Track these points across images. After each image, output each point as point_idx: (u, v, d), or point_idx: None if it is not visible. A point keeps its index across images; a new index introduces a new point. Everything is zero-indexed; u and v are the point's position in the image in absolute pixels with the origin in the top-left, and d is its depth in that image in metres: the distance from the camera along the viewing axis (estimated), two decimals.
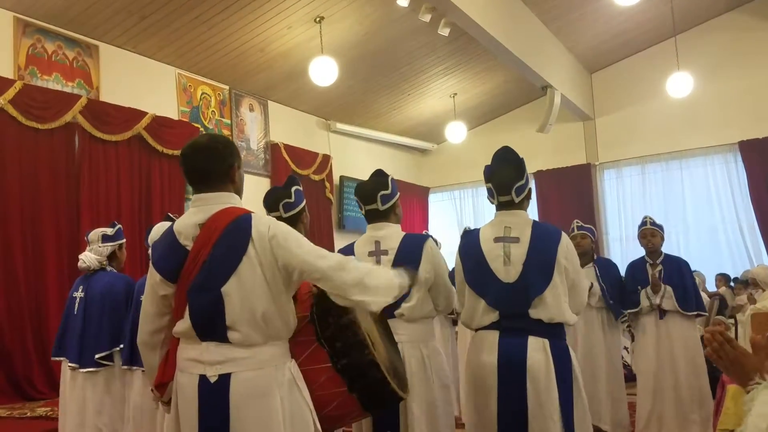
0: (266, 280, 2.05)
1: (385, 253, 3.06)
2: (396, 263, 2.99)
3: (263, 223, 2.09)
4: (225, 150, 2.22)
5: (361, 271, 2.11)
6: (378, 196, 3.11)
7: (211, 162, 2.18)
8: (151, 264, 2.22)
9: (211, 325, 2.04)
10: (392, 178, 3.21)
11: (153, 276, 2.18)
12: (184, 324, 2.08)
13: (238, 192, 2.25)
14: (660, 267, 5.05)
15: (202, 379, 2.03)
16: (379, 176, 3.21)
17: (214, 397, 2.01)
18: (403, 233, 3.15)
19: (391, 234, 3.11)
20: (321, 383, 2.19)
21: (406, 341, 2.95)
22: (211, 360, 2.03)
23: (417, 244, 3.08)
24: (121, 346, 3.86)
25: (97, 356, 3.86)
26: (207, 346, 2.05)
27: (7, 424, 4.99)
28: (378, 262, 3.05)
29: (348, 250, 3.19)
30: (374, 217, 3.16)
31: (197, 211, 2.16)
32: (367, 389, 2.23)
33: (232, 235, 2.06)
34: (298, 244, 2.09)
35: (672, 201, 10.53)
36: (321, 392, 2.19)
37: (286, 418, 2.05)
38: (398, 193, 3.23)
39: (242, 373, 2.02)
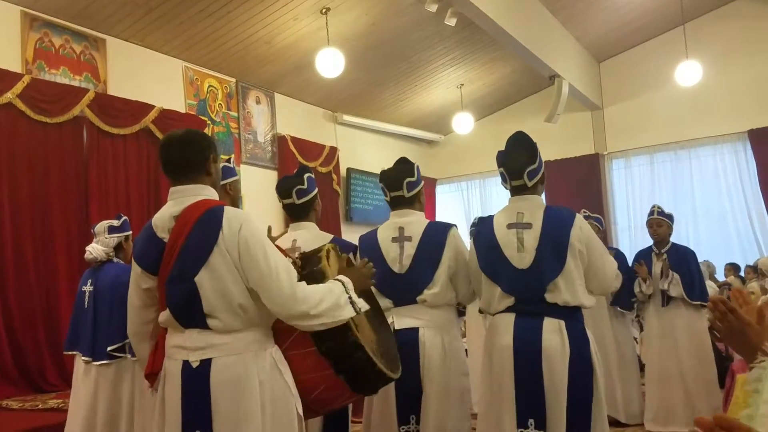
0: (237, 269, 2.09)
1: (409, 239, 3.07)
2: (419, 250, 3.02)
3: (236, 219, 2.12)
4: (201, 142, 2.27)
5: (309, 304, 2.10)
6: (404, 183, 3.13)
7: (187, 153, 2.23)
8: (132, 257, 2.30)
9: (190, 314, 2.10)
10: (418, 167, 3.21)
11: (135, 269, 2.26)
12: (166, 314, 2.15)
13: (215, 185, 2.29)
14: (665, 256, 5.05)
15: (185, 364, 2.10)
16: (404, 164, 3.22)
17: (196, 381, 2.07)
18: (427, 221, 3.16)
19: (415, 221, 3.13)
20: (307, 367, 2.22)
21: (427, 327, 2.97)
22: (194, 346, 2.10)
23: (441, 232, 3.10)
24: None
25: (109, 348, 3.88)
26: (190, 333, 2.11)
27: (19, 416, 5.03)
28: (401, 247, 3.06)
29: (371, 236, 3.19)
30: (399, 203, 3.18)
31: (173, 204, 2.21)
32: (354, 371, 2.26)
33: (203, 226, 2.10)
34: (264, 255, 2.09)
35: (681, 190, 10.47)
36: (307, 376, 2.22)
37: (266, 402, 2.10)
38: (422, 181, 3.23)
39: (222, 358, 2.08)
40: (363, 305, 2.23)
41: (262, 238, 2.16)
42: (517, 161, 2.95)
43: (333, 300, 2.16)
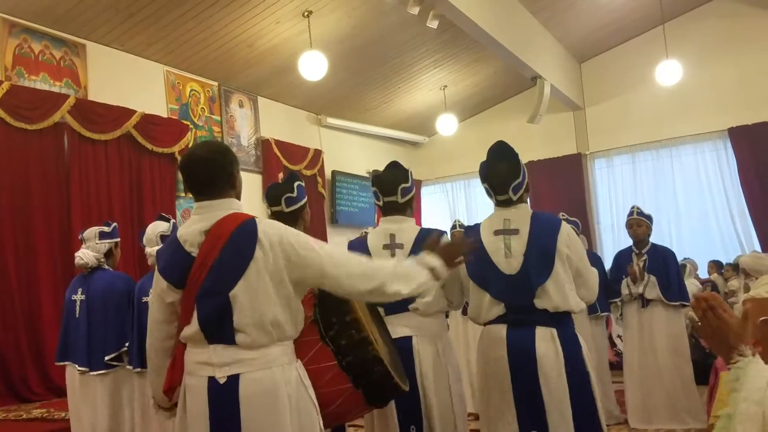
0: (273, 284, 2.07)
1: (401, 246, 3.05)
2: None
3: (273, 231, 2.11)
4: (224, 159, 2.25)
5: (382, 277, 2.13)
6: (399, 189, 3.10)
7: (213, 173, 2.20)
8: (156, 271, 2.24)
9: (220, 329, 2.06)
10: (411, 172, 3.19)
11: (159, 283, 2.20)
12: (192, 329, 2.11)
13: (239, 196, 2.28)
14: (645, 257, 5.09)
15: (212, 380, 2.05)
16: (398, 168, 3.19)
17: (224, 398, 2.03)
18: (419, 227, 3.14)
19: (407, 227, 3.11)
20: (326, 381, 2.22)
21: (420, 335, 2.96)
22: (220, 362, 2.06)
23: None
24: (128, 344, 3.84)
25: (106, 358, 3.84)
26: (215, 348, 2.07)
27: (3, 427, 4.97)
28: (393, 255, 3.04)
29: (361, 242, 3.17)
30: (391, 209, 3.15)
31: (201, 219, 2.18)
32: (372, 384, 2.27)
33: (238, 240, 2.08)
34: (313, 249, 2.11)
35: (663, 189, 10.55)
36: (327, 389, 2.22)
37: (294, 417, 2.07)
38: (415, 188, 3.22)
39: (251, 373, 2.05)
40: (442, 272, 2.26)
41: (304, 236, 2.16)
42: (501, 176, 2.93)
43: (406, 269, 2.20)
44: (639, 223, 5.13)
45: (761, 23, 9.70)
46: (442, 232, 3.15)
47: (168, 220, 3.93)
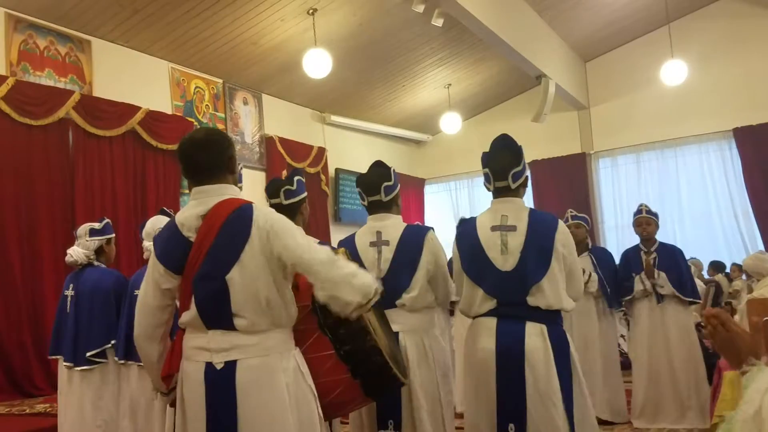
0: (268, 267, 2.08)
1: (387, 243, 3.07)
2: (397, 254, 3.02)
3: (262, 214, 2.13)
4: (224, 142, 2.28)
5: (349, 270, 2.11)
6: (381, 188, 3.12)
7: (212, 156, 2.22)
8: (153, 257, 2.23)
9: (217, 313, 2.08)
10: (394, 170, 3.21)
11: (156, 269, 2.19)
12: (190, 314, 2.12)
13: (236, 182, 2.29)
14: (654, 254, 5.08)
15: (209, 366, 2.06)
16: (381, 167, 3.22)
17: (221, 384, 2.04)
18: (405, 224, 3.16)
19: (393, 225, 3.13)
20: (325, 370, 2.23)
21: (407, 330, 2.97)
22: (218, 347, 2.07)
23: (419, 235, 3.10)
24: (113, 342, 3.85)
25: (88, 354, 3.85)
26: (213, 334, 2.08)
27: (7, 421, 4.99)
28: (379, 252, 3.06)
29: (349, 241, 3.20)
30: (376, 208, 3.17)
31: (198, 203, 2.18)
32: (370, 375, 2.27)
33: (234, 224, 2.09)
34: (292, 236, 2.12)
35: (667, 189, 10.55)
36: (325, 379, 2.22)
37: (292, 404, 2.08)
38: (399, 185, 3.24)
39: (248, 360, 2.06)
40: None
41: (290, 224, 2.17)
42: (502, 162, 2.95)
43: (367, 279, 2.14)
44: (648, 221, 5.13)
45: (767, 23, 9.67)
46: (428, 229, 3.16)
47: (170, 216, 3.94)
